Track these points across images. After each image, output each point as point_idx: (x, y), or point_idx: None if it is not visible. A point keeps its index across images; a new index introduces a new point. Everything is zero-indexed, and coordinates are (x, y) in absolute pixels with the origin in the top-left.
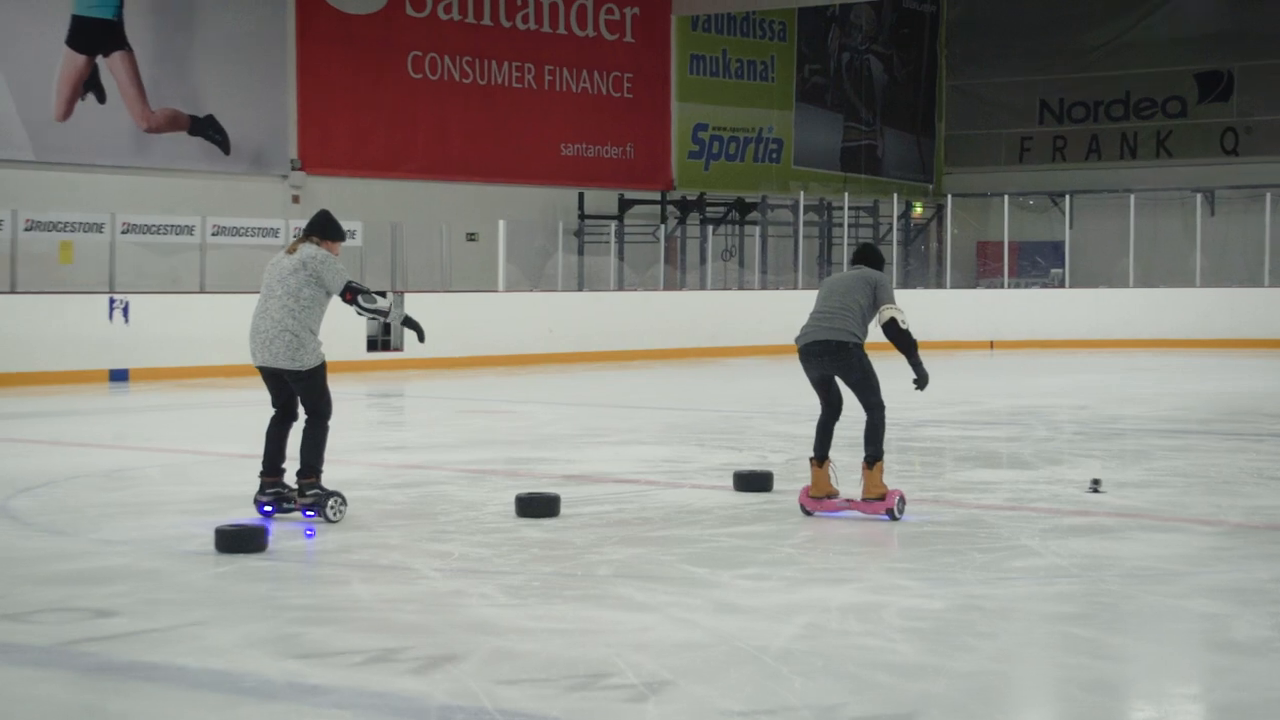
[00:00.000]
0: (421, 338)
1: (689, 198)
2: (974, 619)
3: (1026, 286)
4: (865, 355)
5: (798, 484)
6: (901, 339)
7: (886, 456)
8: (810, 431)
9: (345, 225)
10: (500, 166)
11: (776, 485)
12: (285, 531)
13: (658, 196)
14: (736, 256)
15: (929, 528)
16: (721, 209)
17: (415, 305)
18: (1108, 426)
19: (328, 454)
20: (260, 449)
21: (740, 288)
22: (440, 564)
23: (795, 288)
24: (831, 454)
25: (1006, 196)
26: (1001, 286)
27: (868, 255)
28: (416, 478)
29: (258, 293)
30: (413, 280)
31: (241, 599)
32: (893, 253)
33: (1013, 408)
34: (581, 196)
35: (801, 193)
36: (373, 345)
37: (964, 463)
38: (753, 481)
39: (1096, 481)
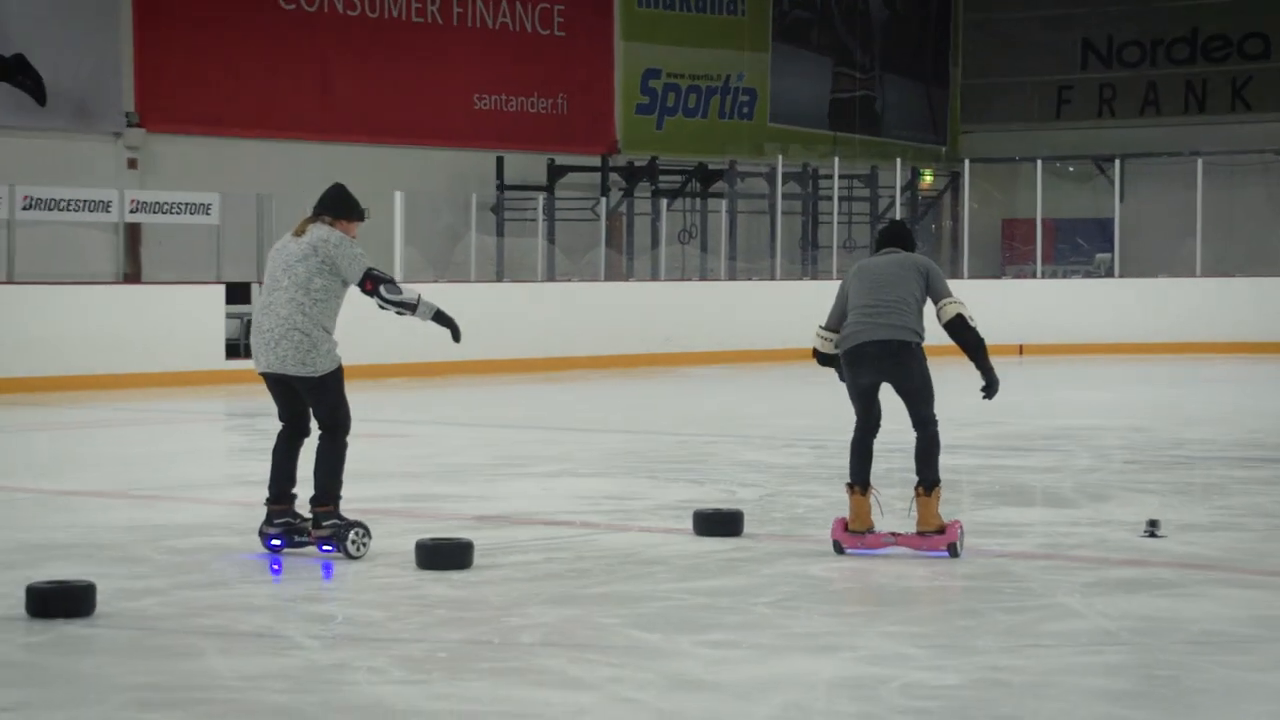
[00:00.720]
0: (457, 337)
1: (637, 164)
2: (997, 697)
3: (1065, 275)
4: (925, 359)
5: (772, 526)
6: (969, 338)
7: (884, 488)
8: (788, 460)
9: (199, 198)
10: (396, 123)
11: (748, 527)
12: (120, 590)
13: (597, 162)
14: (698, 238)
15: (941, 581)
16: (679, 178)
17: None
18: (1169, 454)
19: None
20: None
21: (703, 278)
22: (319, 630)
23: (772, 277)
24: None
25: (1040, 162)
26: (1033, 276)
27: (901, 236)
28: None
29: (88, 284)
30: None
31: (61, 677)
32: None
33: (1048, 430)
34: (500, 162)
35: (780, 158)
36: (234, 349)
37: (985, 499)
38: (718, 523)
39: (1154, 523)
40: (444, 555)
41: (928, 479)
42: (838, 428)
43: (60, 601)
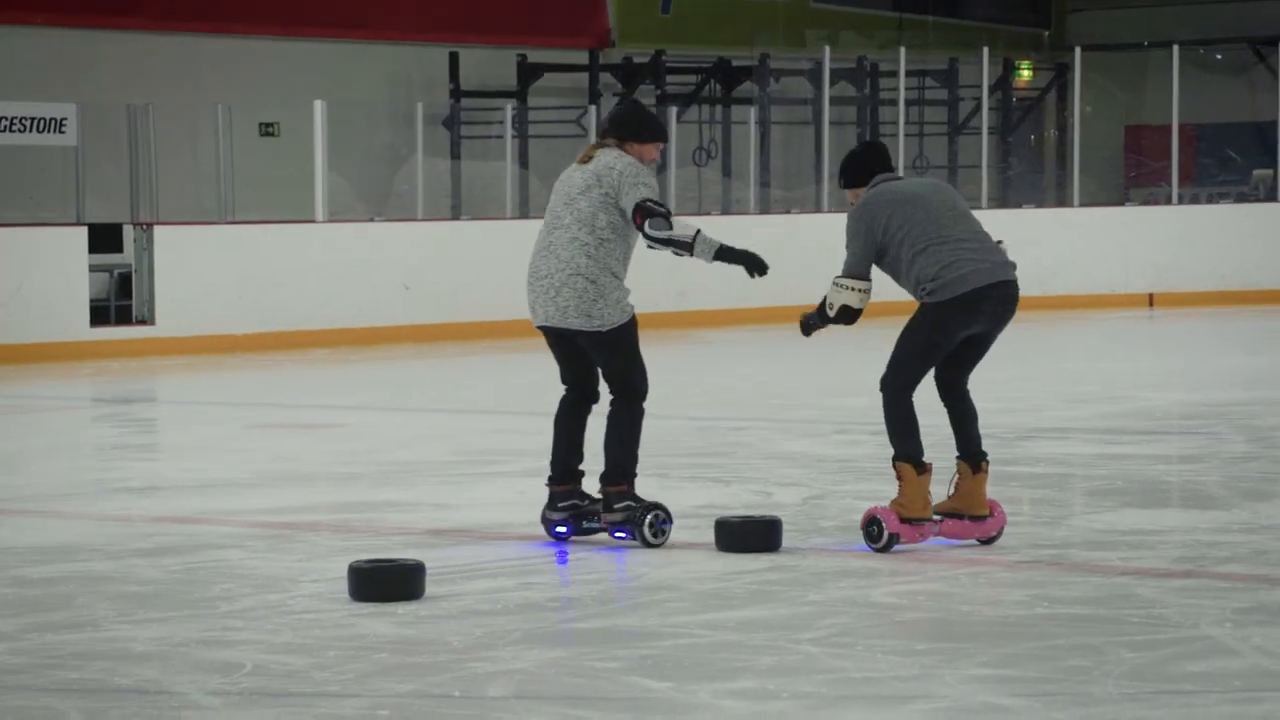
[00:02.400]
0: (757, 270)
1: (637, 60)
2: None
3: (1211, 200)
4: None
5: (820, 537)
6: None
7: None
8: (840, 451)
9: (48, 110)
10: (315, 9)
11: (788, 540)
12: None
13: (584, 59)
14: (719, 158)
15: (1044, 608)
16: (692, 79)
17: (173, 246)
18: None
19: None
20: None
21: (726, 211)
22: (222, 683)
23: (818, 209)
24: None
25: (1176, 48)
26: (1168, 201)
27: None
28: (179, 539)
29: None
30: (167, 203)
31: None
32: (982, 146)
33: (1187, 406)
34: (455, 59)
35: (827, 49)
36: (102, 314)
37: (1105, 499)
38: (749, 535)
39: None
40: (386, 582)
41: (982, 451)
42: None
43: None
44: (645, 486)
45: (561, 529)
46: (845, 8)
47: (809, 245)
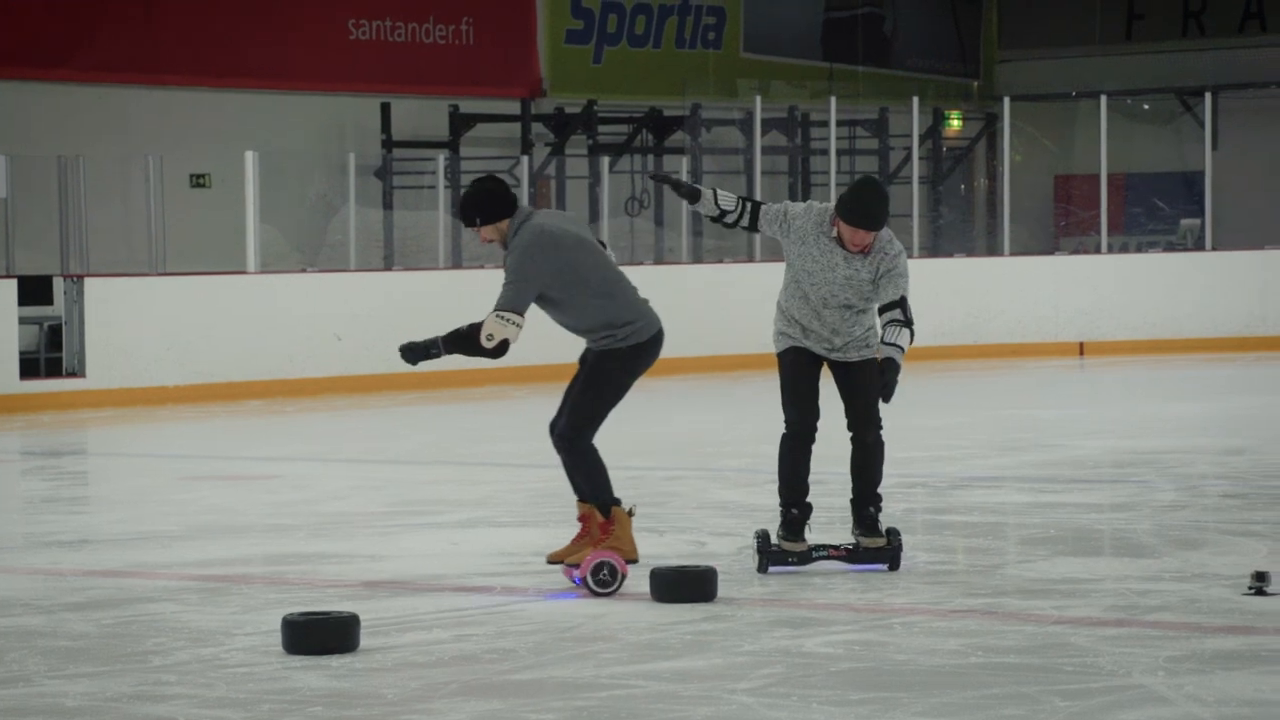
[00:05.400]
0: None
1: (569, 110)
2: None
3: (1140, 249)
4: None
5: (755, 588)
6: None
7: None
8: (775, 500)
9: None
10: (247, 61)
11: (723, 589)
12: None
13: (516, 108)
14: (650, 208)
15: (979, 657)
16: (624, 129)
17: (103, 297)
18: (1279, 484)
19: None
20: None
21: (658, 260)
22: None
23: (750, 259)
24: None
25: (1104, 98)
26: (1097, 250)
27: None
28: (111, 593)
29: None
30: (98, 255)
31: None
32: (912, 195)
33: (1118, 454)
34: (386, 110)
35: (758, 99)
36: (32, 366)
37: (1037, 548)
38: (683, 585)
39: (1261, 577)
40: (321, 634)
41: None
42: (839, 456)
43: None
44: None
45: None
46: (776, 58)
47: (741, 295)
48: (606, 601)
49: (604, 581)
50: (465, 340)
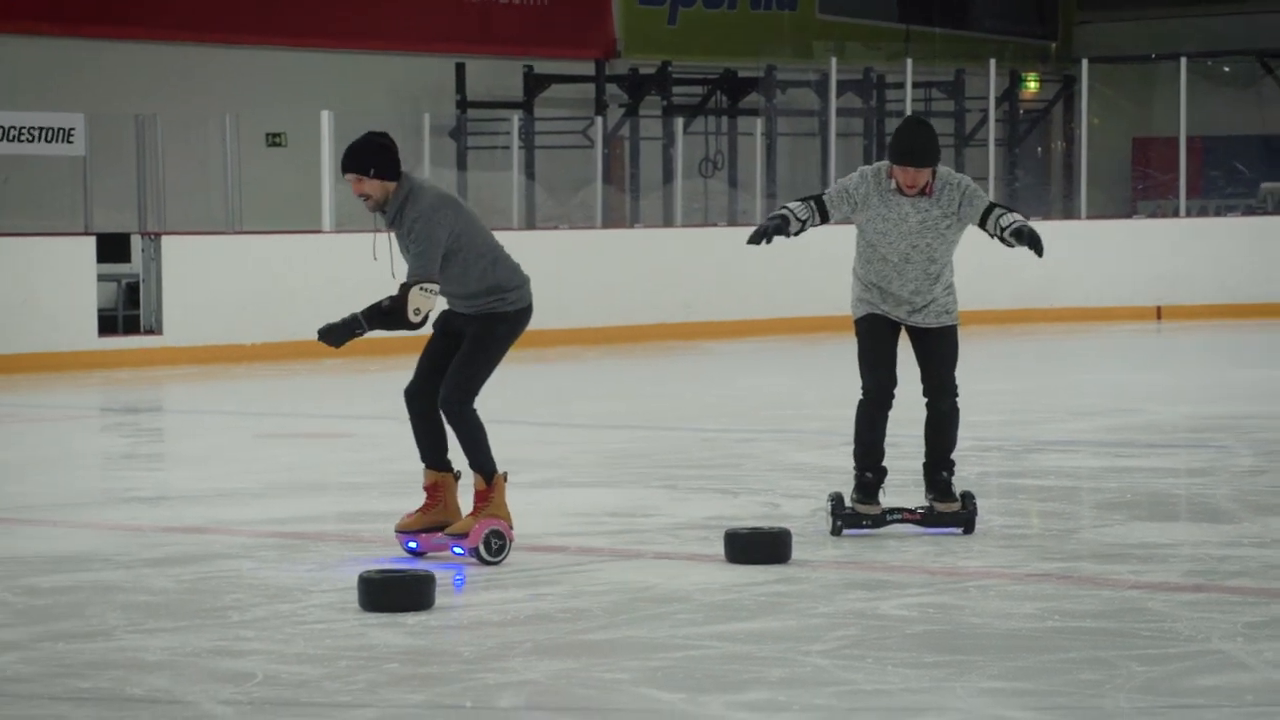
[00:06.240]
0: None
1: (643, 71)
2: None
3: (1219, 213)
4: None
5: (829, 549)
6: None
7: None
8: (850, 462)
9: (57, 120)
10: (323, 21)
11: (797, 551)
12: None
13: (590, 70)
14: (725, 169)
15: (1055, 621)
16: (699, 90)
17: (180, 255)
18: None
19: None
20: None
21: (732, 222)
22: (233, 693)
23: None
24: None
25: (1184, 60)
26: (1175, 214)
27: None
28: (189, 549)
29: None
30: (175, 213)
31: None
32: (989, 158)
33: (1196, 419)
34: (461, 71)
35: (834, 61)
36: (110, 323)
37: (1113, 512)
38: (758, 546)
39: None
40: (398, 592)
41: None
42: (914, 419)
43: None
44: (653, 498)
45: None
46: (852, 19)
47: (816, 257)
48: (681, 563)
49: (496, 549)
50: (388, 315)
